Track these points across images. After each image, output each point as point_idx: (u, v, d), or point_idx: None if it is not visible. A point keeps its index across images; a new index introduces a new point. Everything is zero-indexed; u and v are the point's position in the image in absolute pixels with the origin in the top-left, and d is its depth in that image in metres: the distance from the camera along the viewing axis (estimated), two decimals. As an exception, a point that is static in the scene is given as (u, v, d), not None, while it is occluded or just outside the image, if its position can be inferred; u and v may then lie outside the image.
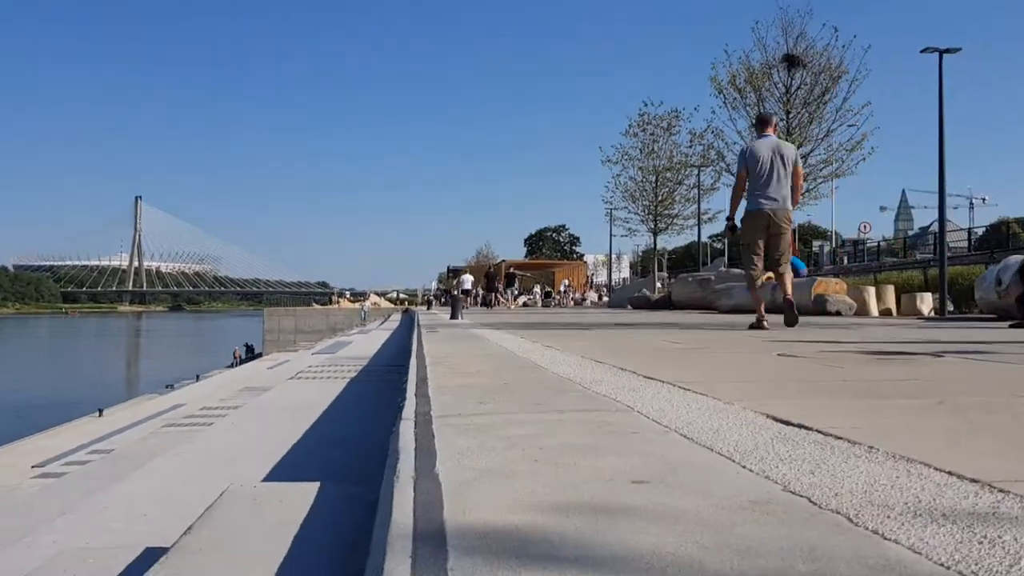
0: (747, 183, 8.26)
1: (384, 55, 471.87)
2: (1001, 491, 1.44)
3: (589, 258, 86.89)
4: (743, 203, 8.34)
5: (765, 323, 8.37)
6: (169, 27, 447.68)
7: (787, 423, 2.20)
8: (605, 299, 40.44)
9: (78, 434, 8.56)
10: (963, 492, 1.44)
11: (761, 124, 8.72)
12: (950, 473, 1.58)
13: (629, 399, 2.75)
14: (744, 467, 1.67)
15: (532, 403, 2.73)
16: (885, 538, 1.18)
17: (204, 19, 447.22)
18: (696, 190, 32.05)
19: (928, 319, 13.87)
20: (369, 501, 2.19)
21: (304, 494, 2.17)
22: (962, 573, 1.03)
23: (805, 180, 23.16)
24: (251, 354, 39.20)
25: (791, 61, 22.23)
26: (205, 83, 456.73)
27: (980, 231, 45.02)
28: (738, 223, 8.59)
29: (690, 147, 31.92)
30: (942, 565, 1.07)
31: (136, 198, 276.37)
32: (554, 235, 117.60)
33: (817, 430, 2.07)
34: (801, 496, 1.42)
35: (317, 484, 2.27)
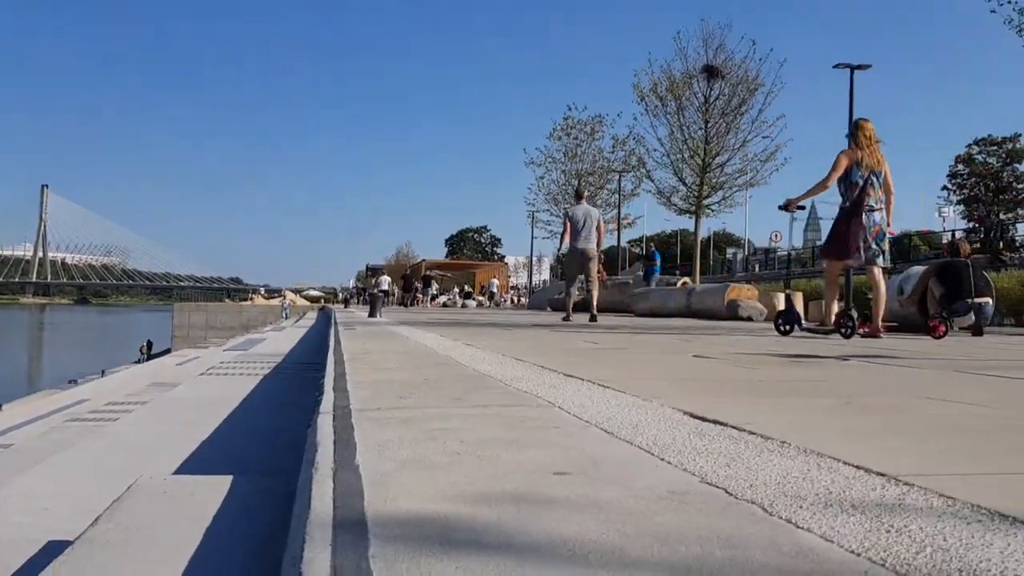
0: (571, 233, 12.27)
1: (301, 42, 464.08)
2: (907, 484, 1.49)
3: (510, 259, 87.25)
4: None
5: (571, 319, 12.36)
6: (80, 5, 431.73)
7: (703, 419, 2.25)
8: (524, 300, 40.61)
9: (-28, 429, 8.17)
10: (871, 485, 1.49)
11: (577, 196, 13.55)
12: (858, 467, 1.64)
13: (550, 395, 2.77)
14: (663, 460, 1.70)
15: (453, 398, 2.72)
16: (798, 527, 1.22)
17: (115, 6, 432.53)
18: (617, 195, 32.54)
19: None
20: (283, 494, 2.15)
21: (216, 487, 2.11)
22: (872, 560, 1.07)
23: (721, 189, 23.78)
24: (150, 351, 37.57)
25: (710, 72, 22.75)
26: (118, 69, 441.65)
27: (884, 243, 46.86)
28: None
29: (612, 152, 32.42)
30: (853, 552, 1.10)
31: (42, 186, 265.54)
32: (476, 236, 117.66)
33: (732, 426, 2.12)
34: (718, 487, 1.45)
35: (230, 477, 2.21)
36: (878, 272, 7.75)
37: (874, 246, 7.61)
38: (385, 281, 35.67)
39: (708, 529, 1.19)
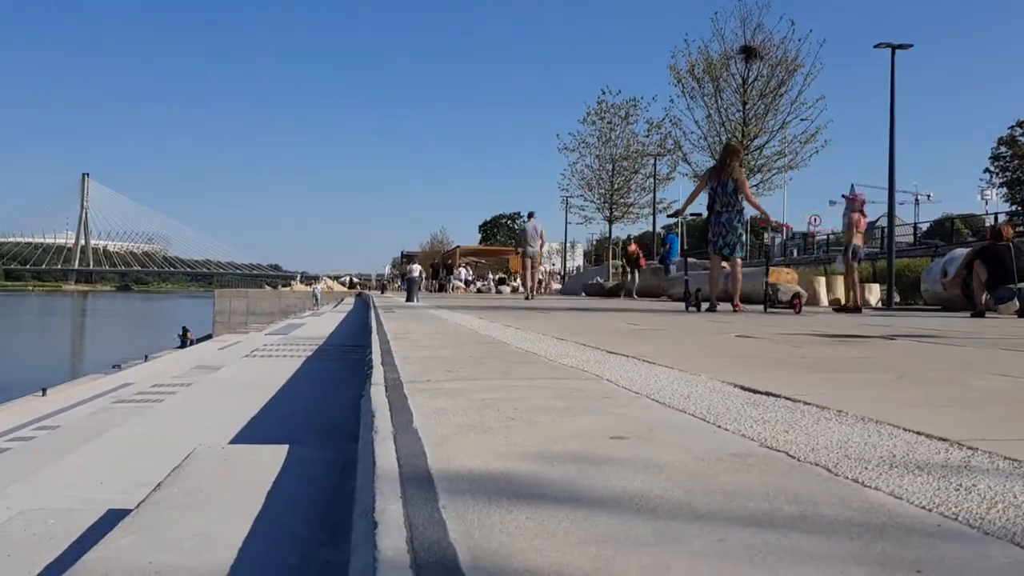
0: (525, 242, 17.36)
1: (341, 36, 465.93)
2: (970, 448, 1.48)
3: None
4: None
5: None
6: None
7: (755, 391, 2.23)
8: (556, 287, 40.44)
9: (20, 412, 8.32)
10: (934, 449, 1.48)
11: (530, 216, 18.38)
12: (919, 433, 1.62)
13: (597, 369, 2.77)
14: (719, 427, 1.70)
15: (500, 371, 2.74)
16: (865, 486, 1.21)
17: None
18: (652, 179, 32.27)
19: (876, 309, 14.17)
20: (339, 463, 2.18)
21: (274, 455, 2.14)
22: (944, 514, 1.06)
23: (760, 171, 23.49)
24: (186, 338, 37.53)
25: (748, 53, 22.45)
26: (158, 58, 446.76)
27: (925, 227, 46.10)
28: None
29: (647, 136, 32.12)
30: (924, 508, 1.09)
31: (83, 175, 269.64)
32: (509, 222, 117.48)
33: (785, 397, 2.10)
34: (779, 451, 1.45)
35: (286, 447, 2.24)
36: (738, 264, 9.64)
37: (720, 241, 9.25)
38: (416, 269, 35.90)
39: (774, 488, 1.19)
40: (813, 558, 0.88)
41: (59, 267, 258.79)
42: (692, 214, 8.75)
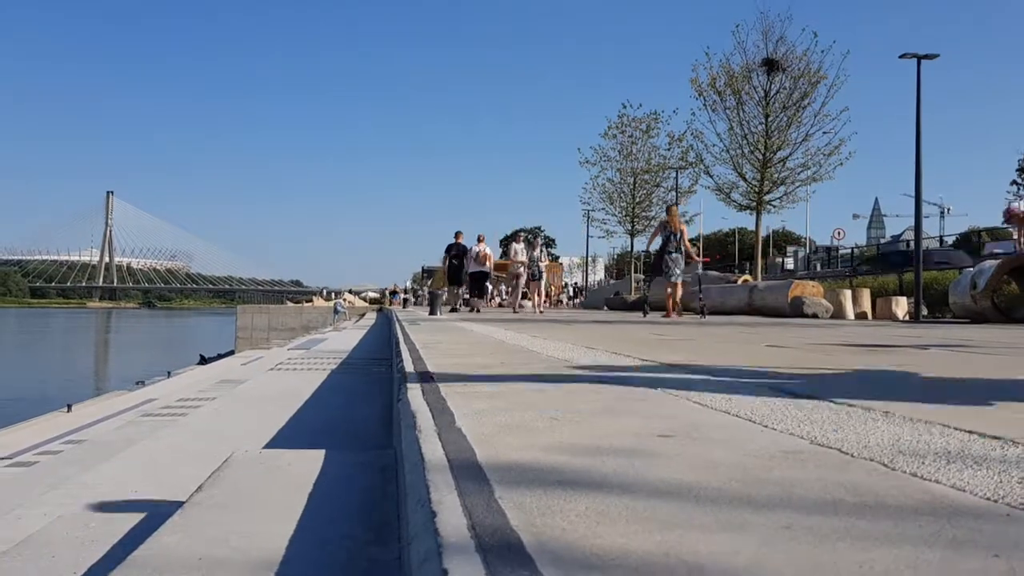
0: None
1: (362, 55, 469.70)
2: (1026, 445, 1.45)
3: (564, 259, 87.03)
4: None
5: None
6: (141, 22, 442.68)
7: (796, 395, 2.21)
8: (578, 300, 40.33)
9: (47, 427, 8.38)
10: (989, 446, 1.45)
11: (516, 238, 19.88)
12: (970, 432, 1.60)
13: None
14: (766, 426, 1.68)
15: (535, 376, 2.72)
16: (924, 479, 1.19)
17: (179, 14, 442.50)
18: (674, 192, 32.19)
19: (904, 322, 14.02)
20: (378, 467, 2.17)
21: (311, 460, 2.14)
22: (1011, 504, 1.04)
23: (783, 184, 23.36)
24: (203, 362, 37.16)
25: (771, 65, 22.37)
26: (180, 79, 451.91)
27: (951, 239, 45.64)
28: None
29: (668, 149, 32.09)
30: (988, 499, 1.07)
31: (108, 193, 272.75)
32: (529, 236, 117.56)
33: (828, 399, 2.08)
34: (831, 448, 1.43)
35: (323, 451, 2.24)
36: (678, 284, 13.24)
37: (673, 271, 13.11)
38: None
39: (831, 481, 1.17)
40: (884, 542, 0.86)
41: (83, 284, 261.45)
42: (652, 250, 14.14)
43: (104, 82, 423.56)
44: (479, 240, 18.47)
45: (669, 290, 13.37)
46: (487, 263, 18.34)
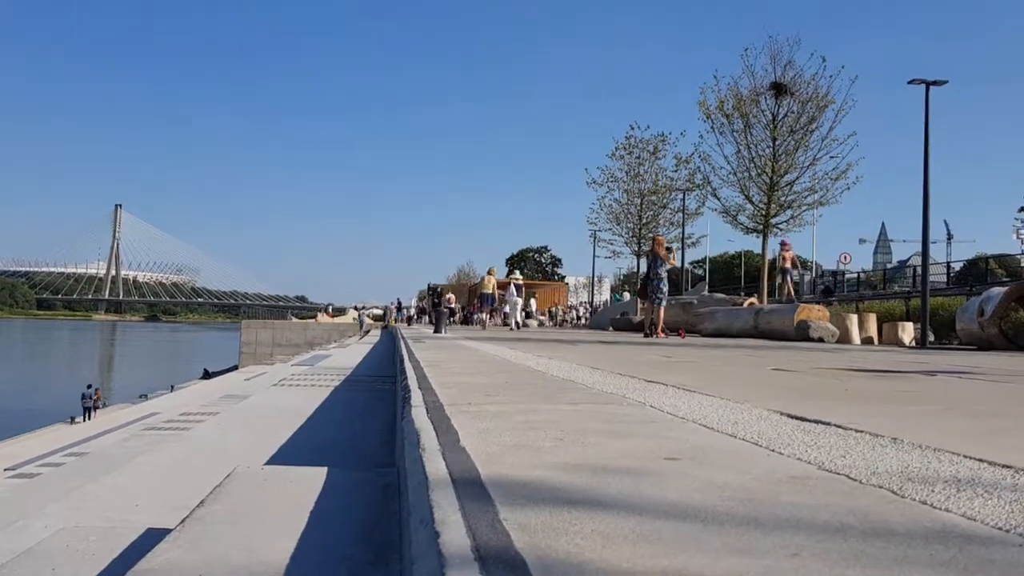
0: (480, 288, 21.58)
1: (370, 72, 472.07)
2: (1037, 474, 1.43)
3: (571, 279, 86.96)
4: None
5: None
6: (150, 35, 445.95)
7: (803, 419, 2.19)
8: (584, 320, 40.24)
9: (51, 439, 8.36)
10: (999, 475, 1.43)
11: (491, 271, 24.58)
12: (980, 460, 1.58)
13: (638, 396, 2.74)
14: (773, 451, 1.66)
15: (541, 397, 2.71)
16: (935, 507, 1.17)
17: (187, 26, 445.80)
18: (681, 214, 32.19)
19: (910, 348, 13.97)
20: (381, 485, 2.15)
21: (313, 477, 2.12)
22: (1023, 535, 1.02)
23: (790, 207, 23.36)
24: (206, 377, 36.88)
25: (779, 89, 22.42)
26: (188, 94, 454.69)
27: (958, 266, 45.57)
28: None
29: (675, 171, 32.11)
30: (1000, 528, 1.06)
31: (116, 206, 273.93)
32: (536, 256, 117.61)
33: (836, 425, 2.06)
34: (839, 474, 1.41)
35: (325, 468, 2.23)
36: (661, 307, 14.69)
37: (657, 296, 14.52)
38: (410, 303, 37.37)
39: (840, 507, 1.16)
40: (893, 570, 0.85)
41: (90, 297, 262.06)
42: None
43: (111, 91, 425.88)
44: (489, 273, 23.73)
45: (649, 313, 14.97)
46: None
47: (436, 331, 14.42)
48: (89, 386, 25.23)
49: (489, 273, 25.09)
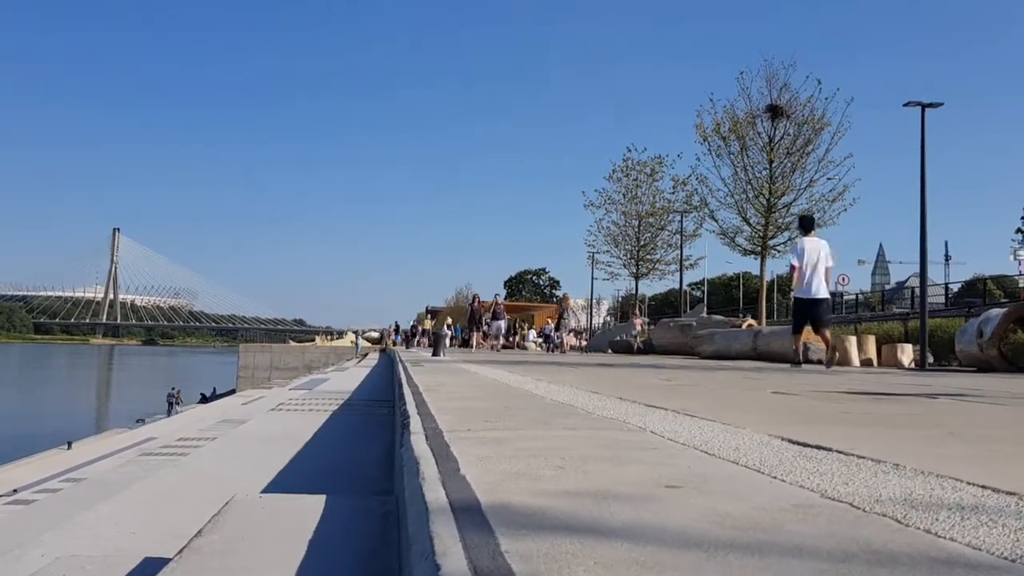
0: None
1: (366, 96, 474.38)
2: (1042, 501, 1.42)
3: (572, 302, 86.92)
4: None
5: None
6: (146, 62, 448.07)
7: (805, 445, 2.18)
8: (582, 342, 40.15)
9: (47, 465, 8.30)
10: (1004, 502, 1.42)
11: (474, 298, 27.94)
12: (983, 487, 1.57)
13: (638, 421, 2.73)
14: (775, 478, 1.65)
15: (540, 422, 2.70)
16: (939, 536, 1.16)
17: (182, 54, 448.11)
18: (679, 236, 32.28)
19: (909, 369, 13.95)
20: (379, 513, 2.14)
21: (312, 505, 2.11)
22: (1030, 565, 1.01)
23: (787, 229, 23.42)
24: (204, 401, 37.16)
25: (775, 111, 22.58)
26: (185, 119, 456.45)
27: (956, 287, 45.65)
28: None
29: (673, 193, 32.24)
30: (1006, 559, 1.05)
31: (114, 230, 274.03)
32: (534, 278, 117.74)
33: (838, 451, 2.05)
34: (842, 502, 1.40)
35: (324, 496, 2.21)
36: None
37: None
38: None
39: (844, 537, 1.14)
40: (903, 606, 0.84)
41: (87, 321, 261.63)
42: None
43: (107, 116, 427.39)
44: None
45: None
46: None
47: (435, 354, 14.39)
48: (173, 388, 34.81)
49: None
